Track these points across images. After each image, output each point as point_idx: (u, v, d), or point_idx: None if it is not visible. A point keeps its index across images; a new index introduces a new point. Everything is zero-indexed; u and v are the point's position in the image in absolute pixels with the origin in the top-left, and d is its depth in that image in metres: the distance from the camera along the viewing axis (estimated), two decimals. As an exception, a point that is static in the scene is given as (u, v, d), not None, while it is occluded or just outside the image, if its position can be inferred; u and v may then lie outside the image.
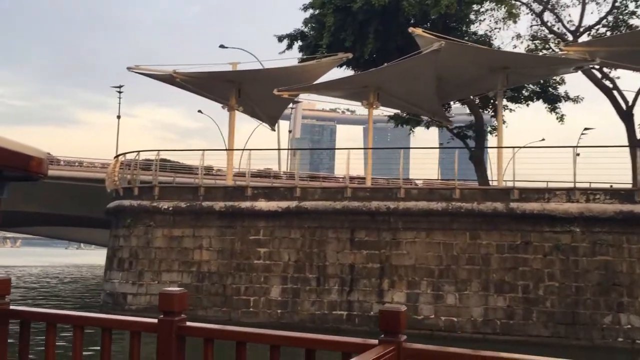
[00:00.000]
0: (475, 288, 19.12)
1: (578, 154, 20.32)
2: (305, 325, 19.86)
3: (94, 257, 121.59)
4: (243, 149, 23.50)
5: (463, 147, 28.56)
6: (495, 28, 29.38)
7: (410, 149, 29.10)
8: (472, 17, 28.83)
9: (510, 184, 20.27)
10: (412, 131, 31.90)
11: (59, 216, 55.14)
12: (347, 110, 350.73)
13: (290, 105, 56.10)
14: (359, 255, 20.31)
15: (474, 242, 19.41)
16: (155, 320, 3.86)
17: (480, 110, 28.55)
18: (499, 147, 22.89)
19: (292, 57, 29.60)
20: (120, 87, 61.05)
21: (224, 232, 21.67)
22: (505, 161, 23.63)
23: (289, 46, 28.27)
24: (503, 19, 29.23)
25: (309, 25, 27.41)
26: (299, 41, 28.20)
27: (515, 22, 27.25)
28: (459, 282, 19.28)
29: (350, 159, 22.17)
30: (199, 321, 4.10)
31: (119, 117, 59.98)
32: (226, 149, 25.37)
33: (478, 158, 27.63)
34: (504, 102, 29.94)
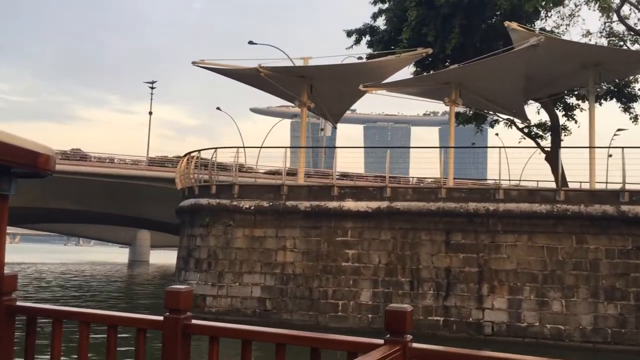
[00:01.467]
0: (584, 295, 18.29)
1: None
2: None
3: (98, 254, 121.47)
4: (325, 147, 22.51)
5: (535, 147, 27.65)
6: (560, 25, 28.51)
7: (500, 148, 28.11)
8: (542, 13, 27.92)
9: (616, 187, 19.43)
10: (480, 130, 30.87)
11: (85, 213, 54.45)
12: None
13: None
14: (456, 258, 19.51)
15: (580, 247, 18.58)
16: (161, 318, 3.85)
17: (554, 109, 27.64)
18: (591, 147, 21.99)
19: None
20: (153, 82, 60.12)
21: (309, 233, 20.90)
22: (580, 162, 22.75)
23: (357, 41, 27.43)
24: (570, 15, 28.36)
25: (385, 18, 26.53)
26: (367, 36, 27.34)
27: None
28: (565, 288, 18.45)
29: (350, 157, 21.37)
30: (284, 325, 3.87)
31: (150, 113, 59.05)
32: (303, 147, 24.54)
33: (554, 158, 26.74)
34: (574, 101, 29.12)
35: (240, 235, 21.51)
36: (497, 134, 31.00)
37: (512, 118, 28.18)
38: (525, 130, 28.78)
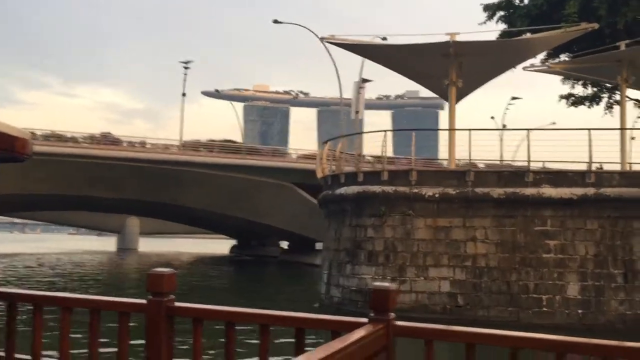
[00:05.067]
0: None
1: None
2: (615, 327, 17.85)
3: (60, 243, 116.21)
4: (469, 129, 20.68)
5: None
6: None
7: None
8: None
9: None
10: (611, 111, 29.33)
11: (75, 199, 51.12)
12: (301, 92, 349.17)
13: (360, 85, 53.64)
14: (674, 248, 18.35)
15: None
16: (144, 301, 3.85)
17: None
18: None
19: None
20: (187, 62, 56.71)
21: (502, 222, 19.36)
22: None
23: (490, 17, 25.84)
24: None
25: None
26: (501, 11, 25.77)
27: None
28: None
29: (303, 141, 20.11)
30: (479, 322, 3.75)
31: (184, 94, 55.74)
32: (449, 129, 22.87)
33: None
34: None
35: (421, 226, 19.79)
36: (606, 113, 29.84)
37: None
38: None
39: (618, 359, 3.18)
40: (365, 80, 52.11)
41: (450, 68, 23.09)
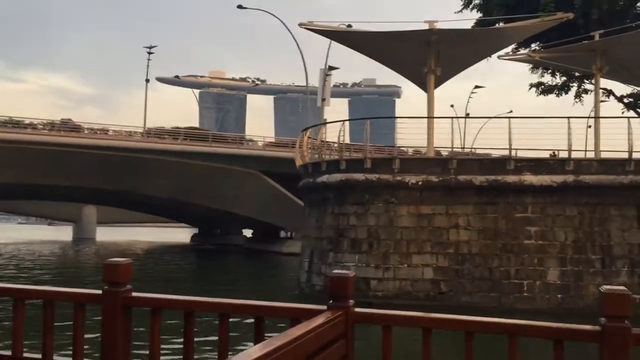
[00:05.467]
0: None
1: None
2: (593, 311, 18.19)
3: (36, 232, 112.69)
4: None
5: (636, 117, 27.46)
6: None
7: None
8: None
9: None
10: (581, 100, 29.89)
11: (31, 188, 49.64)
12: (258, 79, 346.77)
13: (326, 72, 53.37)
14: (649, 233, 18.88)
15: None
16: (99, 291, 3.79)
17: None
18: None
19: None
20: (151, 47, 55.28)
21: (484, 210, 19.61)
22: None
23: (466, 5, 26.01)
24: None
25: None
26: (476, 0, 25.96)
27: None
28: None
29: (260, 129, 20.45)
30: (462, 308, 4.67)
31: (147, 80, 54.47)
32: (427, 117, 22.96)
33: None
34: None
35: (405, 213, 19.88)
36: (576, 103, 30.42)
37: (609, 88, 27.84)
38: (626, 101, 28.56)
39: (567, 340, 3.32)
40: (332, 68, 52.05)
41: (429, 56, 23.16)
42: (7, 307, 4.32)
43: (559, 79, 29.79)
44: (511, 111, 60.26)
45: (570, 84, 29.04)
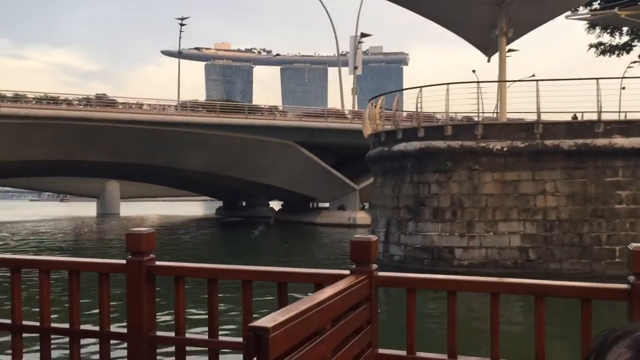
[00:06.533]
0: None
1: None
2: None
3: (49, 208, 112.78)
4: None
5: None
6: None
7: None
8: None
9: None
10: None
11: (58, 163, 49.23)
12: (264, 50, 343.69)
13: (359, 40, 52.50)
14: None
15: None
16: (124, 261, 3.85)
17: None
18: None
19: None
20: (183, 19, 54.31)
21: (572, 174, 19.05)
22: None
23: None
24: None
25: None
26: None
27: None
28: None
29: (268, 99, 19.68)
30: (552, 276, 4.04)
31: (180, 52, 53.62)
32: (499, 81, 22.31)
33: None
34: None
35: (489, 180, 19.37)
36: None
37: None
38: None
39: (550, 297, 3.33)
40: (364, 35, 50.97)
41: (501, 17, 22.41)
42: (33, 278, 4.25)
43: (618, 39, 28.90)
44: (533, 75, 59.46)
45: (633, 44, 28.18)
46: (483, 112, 20.28)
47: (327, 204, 55.68)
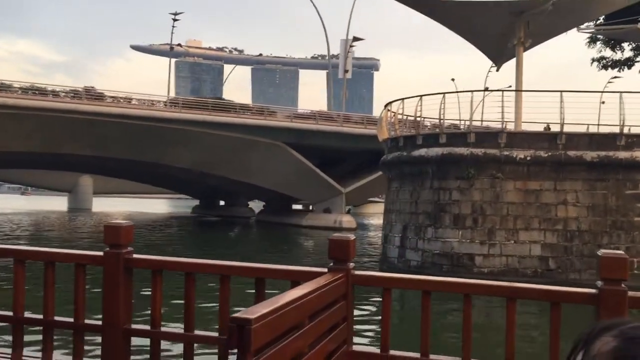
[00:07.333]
0: None
1: None
2: None
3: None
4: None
5: None
6: None
7: None
8: None
9: None
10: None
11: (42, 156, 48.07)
12: (235, 49, 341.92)
13: (350, 44, 52.33)
14: None
15: None
16: (101, 253, 3.86)
17: None
18: None
19: None
20: (176, 14, 53.34)
21: (594, 186, 19.23)
22: None
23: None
24: None
25: None
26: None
27: None
28: None
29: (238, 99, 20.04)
30: (572, 286, 3.77)
31: (171, 48, 52.66)
32: (516, 90, 22.44)
33: None
34: None
35: (511, 189, 19.42)
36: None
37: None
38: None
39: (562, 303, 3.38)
40: (356, 39, 50.88)
41: (519, 26, 22.56)
42: (8, 266, 4.33)
43: (619, 54, 29.41)
44: (510, 85, 60.25)
45: (637, 60, 28.70)
46: (505, 121, 20.15)
47: (309, 207, 55.45)
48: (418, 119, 21.41)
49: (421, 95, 21.10)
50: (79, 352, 3.96)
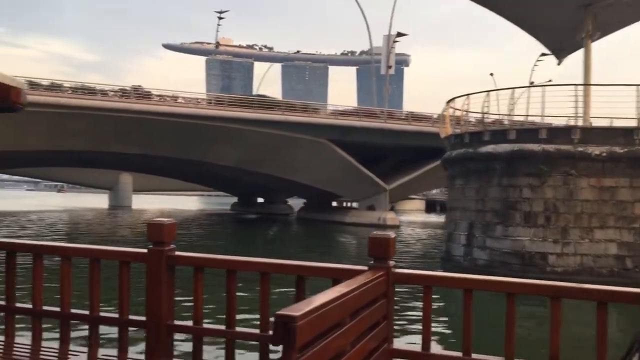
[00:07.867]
0: None
1: None
2: None
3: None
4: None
5: None
6: None
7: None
8: None
9: None
10: None
11: (69, 155, 48.43)
12: (265, 46, 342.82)
13: (395, 39, 51.90)
14: None
15: None
16: (145, 250, 3.91)
17: None
18: None
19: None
20: (221, 12, 53.36)
21: (671, 183, 18.59)
22: None
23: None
24: None
25: None
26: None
27: None
28: None
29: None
30: None
31: (217, 45, 52.75)
32: (583, 84, 21.81)
33: None
34: None
35: (585, 186, 18.88)
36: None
37: None
38: None
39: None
40: (400, 35, 50.38)
41: (587, 19, 21.94)
42: (54, 265, 4.30)
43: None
44: (550, 80, 59.04)
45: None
46: (577, 116, 19.60)
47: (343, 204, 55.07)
48: (484, 115, 20.94)
49: (488, 91, 20.65)
50: (123, 347, 4.03)
